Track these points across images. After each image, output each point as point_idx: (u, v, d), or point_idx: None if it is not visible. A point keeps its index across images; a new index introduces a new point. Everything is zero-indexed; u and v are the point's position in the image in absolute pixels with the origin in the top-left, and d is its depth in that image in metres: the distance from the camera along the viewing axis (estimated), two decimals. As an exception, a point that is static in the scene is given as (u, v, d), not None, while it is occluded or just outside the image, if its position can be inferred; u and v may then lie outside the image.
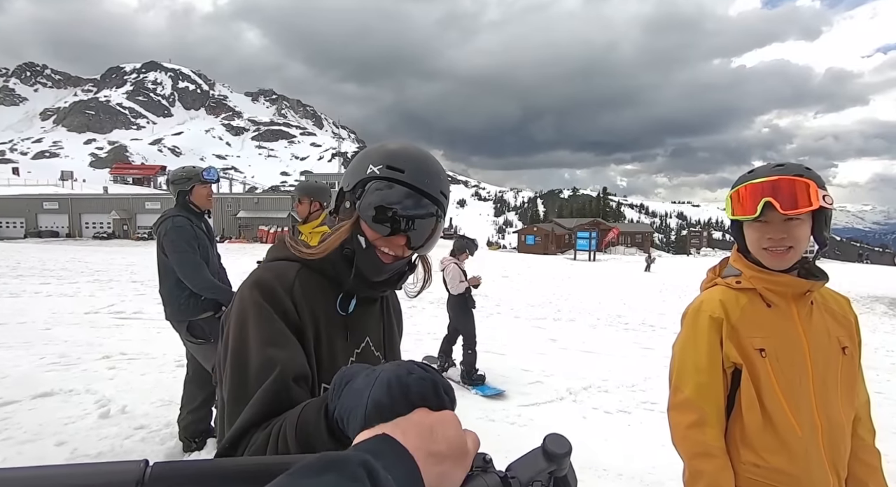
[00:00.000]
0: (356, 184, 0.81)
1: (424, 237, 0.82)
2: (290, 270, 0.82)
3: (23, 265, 12.79)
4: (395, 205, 0.78)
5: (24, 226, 43.66)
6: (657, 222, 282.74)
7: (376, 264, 0.81)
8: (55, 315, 6.02)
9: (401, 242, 0.80)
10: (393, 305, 1.04)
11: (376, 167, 0.80)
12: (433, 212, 0.81)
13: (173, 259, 2.45)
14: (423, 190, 0.79)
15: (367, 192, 0.79)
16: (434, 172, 0.82)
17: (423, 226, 0.80)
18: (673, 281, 19.88)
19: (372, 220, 0.79)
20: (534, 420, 3.47)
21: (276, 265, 0.83)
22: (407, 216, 0.78)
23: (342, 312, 0.85)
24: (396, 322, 1.05)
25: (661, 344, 7.14)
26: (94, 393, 3.34)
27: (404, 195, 0.78)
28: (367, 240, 0.80)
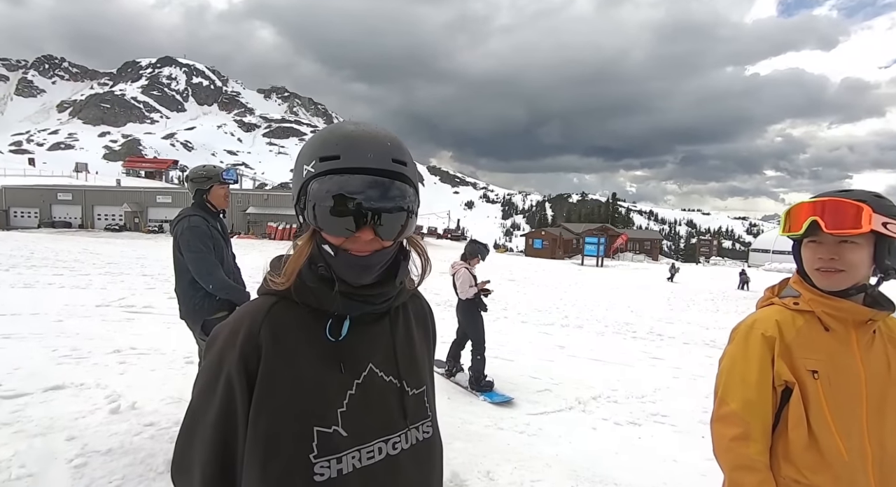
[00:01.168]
0: (298, 192, 0.72)
1: (394, 222, 0.71)
2: (263, 306, 0.74)
3: (36, 255, 12.97)
4: (342, 199, 0.67)
5: (39, 216, 44.31)
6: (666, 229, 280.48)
7: (355, 264, 0.71)
8: (67, 307, 6.08)
9: (368, 236, 0.70)
10: (414, 312, 0.89)
11: (310, 165, 0.70)
12: (390, 188, 0.69)
13: (188, 258, 2.45)
14: (368, 167, 0.68)
15: (309, 198, 0.70)
16: (376, 142, 0.70)
17: (385, 209, 0.69)
18: (682, 289, 19.69)
19: (324, 225, 0.69)
20: (543, 430, 3.43)
21: (252, 304, 0.77)
22: (361, 205, 0.68)
23: (332, 339, 0.74)
24: (421, 331, 0.90)
25: (669, 354, 7.08)
26: (105, 388, 3.35)
27: (346, 182, 0.67)
28: (332, 246, 0.71)
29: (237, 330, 0.73)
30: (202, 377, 0.75)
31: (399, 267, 0.79)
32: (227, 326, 0.75)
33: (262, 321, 0.73)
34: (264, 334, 0.72)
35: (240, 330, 0.73)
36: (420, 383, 0.85)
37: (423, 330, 0.92)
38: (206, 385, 0.73)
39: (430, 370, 0.91)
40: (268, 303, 0.75)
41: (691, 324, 10.70)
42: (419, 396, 0.83)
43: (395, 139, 0.74)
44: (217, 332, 0.76)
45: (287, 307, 0.75)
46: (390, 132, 0.75)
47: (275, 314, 0.74)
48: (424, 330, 0.93)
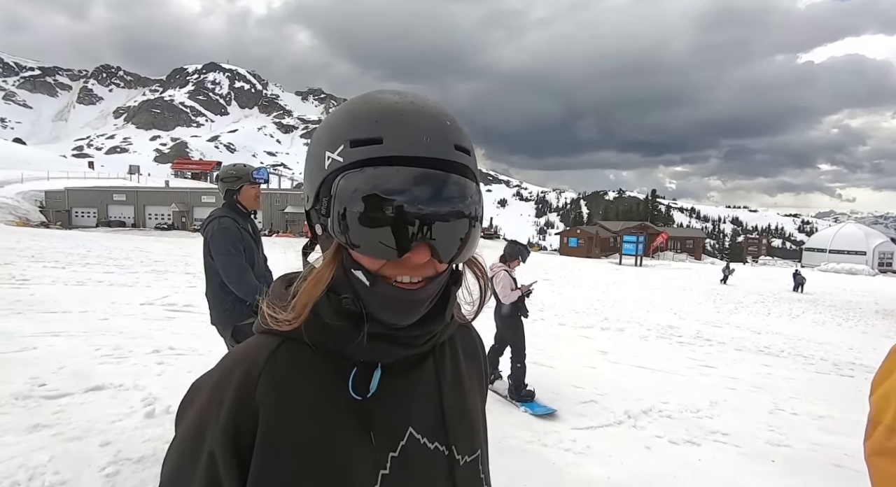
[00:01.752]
0: (317, 191, 0.52)
1: (455, 236, 0.50)
2: (262, 351, 0.53)
3: (92, 253, 13.71)
4: (387, 204, 0.47)
5: (97, 215, 47.34)
6: (709, 227, 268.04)
7: (400, 299, 0.51)
8: (114, 305, 6.28)
9: (423, 258, 0.49)
10: (464, 347, 0.68)
11: (336, 151, 0.50)
12: (453, 186, 0.49)
13: (218, 261, 2.36)
14: (423, 156, 0.48)
15: (335, 200, 0.49)
16: (433, 119, 0.50)
17: (447, 217, 0.49)
18: (730, 290, 18.58)
19: (359, 241, 0.48)
20: (591, 448, 3.15)
21: (247, 347, 0.56)
22: (417, 213, 0.47)
23: (357, 397, 0.53)
24: (473, 372, 0.69)
25: (722, 361, 6.61)
26: (142, 390, 3.35)
27: (392, 178, 0.47)
28: (367, 271, 0.50)
29: (224, 386, 0.52)
30: (173, 454, 0.54)
31: (449, 297, 0.57)
32: (211, 379, 0.54)
33: (259, 373, 0.52)
34: (262, 392, 0.51)
35: (228, 385, 0.52)
36: (474, 446, 0.63)
37: (476, 370, 0.70)
38: (179, 467, 0.52)
39: (484, 425, 0.69)
40: (268, 347, 0.54)
41: (741, 328, 10.05)
42: (473, 465, 0.62)
43: (453, 117, 0.53)
44: (197, 387, 0.55)
45: (295, 351, 0.54)
46: (444, 106, 0.53)
47: (278, 362, 0.53)
48: (477, 369, 0.70)
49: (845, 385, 6.06)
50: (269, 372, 0.52)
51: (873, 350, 8.74)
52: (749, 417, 4.18)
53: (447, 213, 0.49)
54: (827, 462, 3.37)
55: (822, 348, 8.45)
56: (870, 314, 14.51)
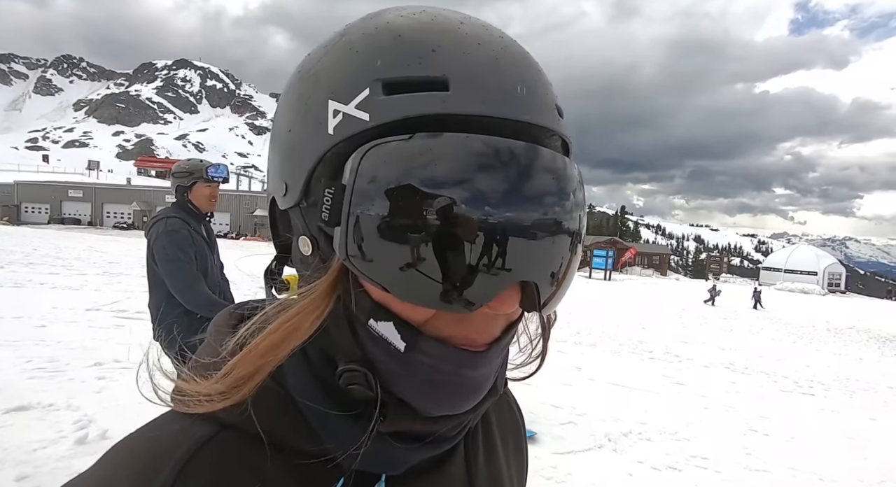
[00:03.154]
0: (310, 175, 0.31)
1: (557, 262, 0.31)
2: (173, 452, 0.31)
3: (38, 252, 12.75)
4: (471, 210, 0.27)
5: (49, 212, 44.62)
6: (674, 244, 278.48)
7: (460, 378, 0.31)
8: (54, 310, 5.73)
9: (512, 306, 0.29)
10: (500, 424, 0.47)
11: (352, 101, 0.29)
12: (568, 181, 0.30)
13: (163, 269, 2.05)
14: (520, 120, 0.29)
15: (354, 193, 0.28)
16: (523, 59, 0.31)
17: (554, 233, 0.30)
18: (694, 307, 19.12)
19: (398, 272, 0.28)
20: (572, 476, 2.98)
21: (154, 436, 0.32)
22: (513, 227, 0.28)
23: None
24: (512, 456, 0.48)
25: (692, 378, 6.70)
26: (76, 410, 2.97)
27: (481, 159, 0.27)
28: (404, 324, 0.30)
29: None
30: None
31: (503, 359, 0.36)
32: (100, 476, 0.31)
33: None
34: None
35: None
36: None
37: (515, 455, 0.49)
38: None
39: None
40: (186, 443, 0.31)
41: (706, 344, 10.29)
42: None
43: (537, 62, 0.33)
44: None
45: (234, 453, 0.32)
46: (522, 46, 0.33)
47: (197, 476, 0.30)
48: (517, 454, 0.49)
49: (808, 403, 6.20)
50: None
51: (827, 367, 9.08)
52: (725, 439, 4.15)
53: (554, 225, 0.29)
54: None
55: (781, 365, 8.70)
56: (822, 332, 15.19)
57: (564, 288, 0.33)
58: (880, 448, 4.39)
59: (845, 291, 52.48)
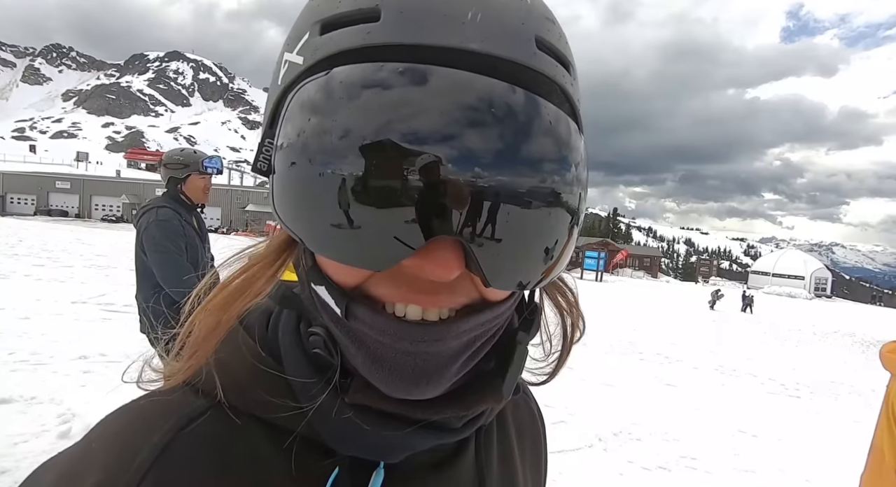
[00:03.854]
0: (265, 130, 0.30)
1: (529, 232, 0.27)
2: (161, 424, 0.29)
3: (23, 243, 12.51)
4: (372, 144, 0.24)
5: (35, 203, 43.87)
6: (665, 246, 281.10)
7: (404, 354, 0.27)
8: (39, 302, 5.62)
9: (448, 270, 0.25)
10: (517, 424, 0.44)
11: (296, 48, 0.28)
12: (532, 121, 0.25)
13: (153, 260, 2.00)
14: (468, 48, 0.25)
15: (278, 139, 0.27)
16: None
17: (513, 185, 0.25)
18: (683, 309, 19.32)
19: (311, 224, 0.26)
20: (563, 475, 2.98)
21: (147, 404, 0.31)
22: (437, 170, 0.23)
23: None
24: (530, 461, 0.45)
25: (682, 379, 6.78)
26: (59, 404, 2.90)
27: (396, 89, 0.24)
28: (336, 287, 0.28)
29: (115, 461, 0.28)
30: None
31: (515, 351, 0.32)
32: (52, 477, 0.29)
33: (139, 479, 0.27)
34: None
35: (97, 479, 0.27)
36: None
37: (533, 460, 0.45)
38: None
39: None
40: (172, 419, 0.29)
41: (696, 346, 10.40)
42: None
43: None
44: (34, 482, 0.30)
45: (223, 429, 0.30)
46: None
47: (183, 454, 0.28)
48: (534, 460, 0.46)
49: (795, 406, 6.29)
50: (161, 474, 0.27)
51: (813, 371, 9.22)
52: (714, 440, 4.18)
53: (513, 183, 0.25)
54: (792, 489, 3.36)
55: (768, 368, 8.82)
56: (808, 335, 15.43)
57: (519, 258, 0.27)
58: (865, 451, 4.46)
59: (831, 296, 53.36)
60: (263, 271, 0.30)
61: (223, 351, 0.31)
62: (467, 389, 0.31)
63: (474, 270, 0.26)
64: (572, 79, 0.29)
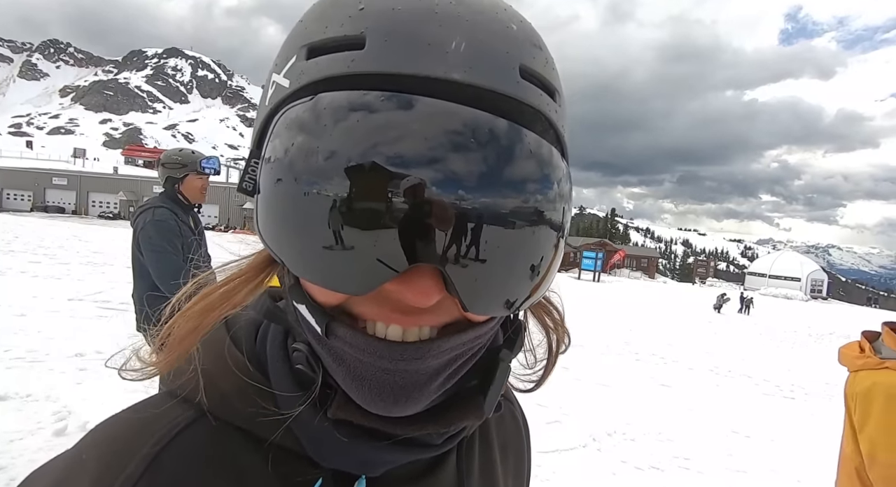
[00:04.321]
0: (256, 143, 0.31)
1: (509, 256, 0.27)
2: (150, 436, 0.30)
3: (20, 239, 12.46)
4: (351, 169, 0.24)
5: (32, 199, 43.64)
6: (662, 247, 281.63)
7: (382, 372, 0.28)
8: (35, 299, 5.61)
9: (427, 297, 0.26)
10: (500, 437, 0.45)
11: (283, 71, 0.29)
12: (512, 148, 0.26)
13: (150, 259, 2.02)
14: (454, 79, 0.25)
15: (263, 161, 0.28)
16: (480, 13, 0.27)
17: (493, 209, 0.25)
18: (679, 311, 19.38)
19: (291, 247, 0.27)
20: (557, 474, 3.00)
21: (136, 417, 0.32)
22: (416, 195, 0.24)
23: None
24: (509, 477, 0.45)
25: (677, 380, 6.80)
26: (55, 401, 2.91)
27: (379, 120, 0.25)
28: (316, 307, 0.29)
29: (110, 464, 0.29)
30: None
31: (497, 369, 0.33)
32: (45, 483, 0.31)
33: (142, 472, 0.29)
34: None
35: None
36: None
37: (515, 472, 0.46)
38: None
39: None
40: (161, 430, 0.31)
41: (691, 347, 10.44)
42: None
43: (523, 21, 0.29)
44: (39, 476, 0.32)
45: (210, 441, 0.31)
46: (510, 5, 0.30)
47: (171, 466, 0.30)
48: (517, 472, 0.47)
49: (789, 407, 6.32)
50: (149, 485, 0.29)
51: (808, 372, 9.27)
52: (708, 440, 4.21)
53: (493, 206, 0.25)
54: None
55: (764, 369, 8.86)
56: (804, 337, 15.52)
57: (500, 281, 0.27)
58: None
59: (827, 298, 53.63)
60: (245, 284, 0.31)
61: (210, 363, 0.32)
62: (448, 406, 0.31)
63: (454, 294, 0.27)
64: (557, 105, 0.30)
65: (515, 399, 0.49)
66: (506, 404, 0.48)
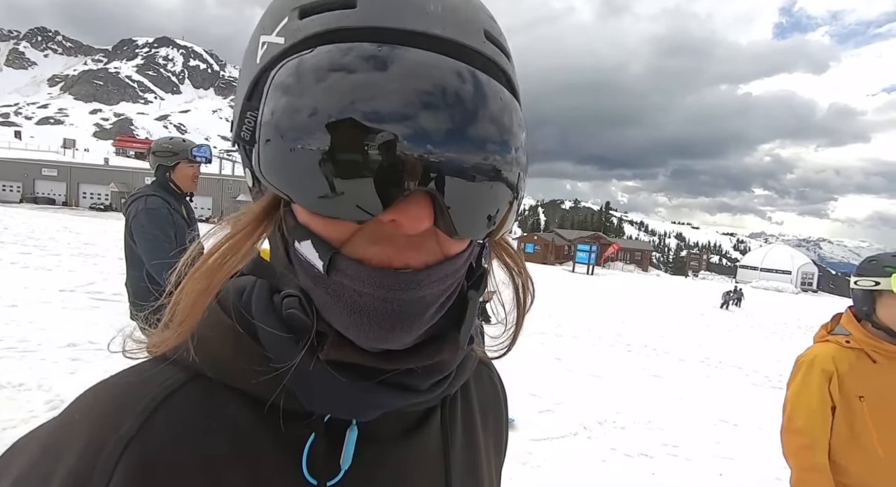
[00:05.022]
0: (248, 97, 0.32)
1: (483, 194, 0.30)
2: (142, 397, 0.31)
3: (9, 231, 12.31)
4: (353, 115, 0.27)
5: (21, 190, 43.06)
6: (656, 241, 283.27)
7: (382, 301, 0.30)
8: (26, 290, 5.56)
9: (420, 221, 0.28)
10: (480, 399, 0.47)
11: (274, 31, 0.31)
12: (485, 100, 0.29)
13: (142, 247, 2.01)
14: (432, 33, 0.29)
15: (264, 110, 0.29)
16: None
17: (466, 159, 0.28)
18: (672, 304, 19.57)
19: (303, 189, 0.29)
20: (548, 461, 3.05)
21: (125, 382, 0.33)
22: (411, 134, 0.27)
23: (313, 481, 0.32)
24: (491, 434, 0.48)
25: (668, 371, 6.87)
26: (48, 391, 2.91)
27: (375, 68, 0.27)
28: (323, 243, 0.30)
29: (48, 471, 0.29)
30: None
31: (467, 307, 0.35)
32: (35, 446, 0.31)
33: (121, 449, 0.29)
34: (123, 482, 0.28)
35: (54, 470, 0.29)
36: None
37: (495, 431, 0.49)
38: None
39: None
40: (152, 391, 0.32)
41: (683, 339, 10.55)
42: None
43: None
44: (8, 459, 0.31)
45: (201, 399, 0.32)
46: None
47: (164, 425, 0.30)
48: (496, 431, 0.49)
49: (777, 397, 6.40)
50: (142, 445, 0.29)
51: (799, 363, 9.45)
52: (696, 428, 4.28)
53: (475, 149, 0.28)
54: (769, 475, 3.46)
55: (754, 360, 8.99)
56: (794, 329, 15.71)
57: (476, 211, 0.31)
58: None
59: (817, 290, 54.29)
60: (247, 237, 0.33)
61: (199, 327, 0.33)
62: (429, 342, 0.34)
63: (441, 224, 0.30)
64: (512, 67, 0.34)
65: (493, 365, 0.51)
66: (485, 369, 0.50)
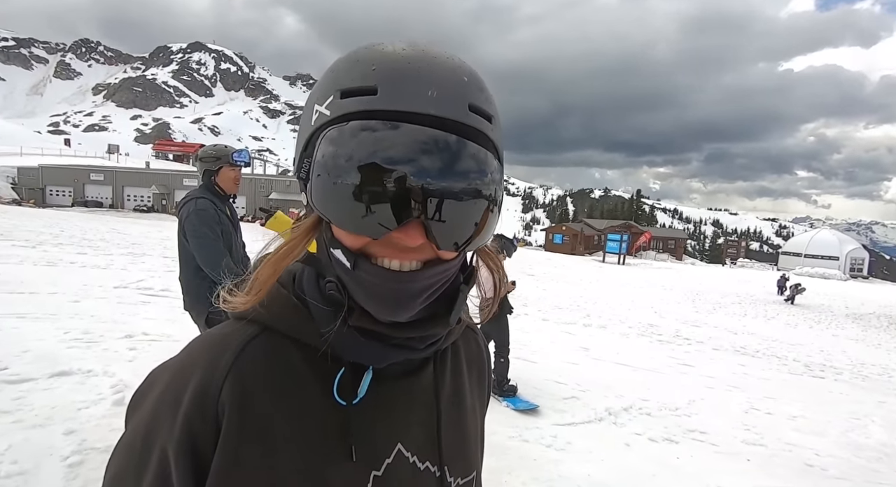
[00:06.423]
0: (302, 151, 0.45)
1: (465, 218, 0.43)
2: (234, 342, 0.47)
3: (65, 233, 13.24)
4: (370, 167, 0.39)
5: (73, 195, 45.84)
6: (691, 228, 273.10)
7: (387, 287, 0.43)
8: (85, 287, 6.05)
9: (414, 240, 0.41)
10: (467, 355, 0.61)
11: (324, 104, 0.43)
12: (463, 154, 0.41)
13: (193, 244, 2.25)
14: (427, 113, 0.40)
15: (315, 160, 0.42)
16: (445, 71, 0.42)
17: (451, 192, 0.41)
18: (708, 292, 18.96)
19: (336, 212, 0.42)
20: (572, 444, 3.15)
21: (219, 333, 0.49)
22: (408, 182, 0.39)
23: (342, 402, 0.47)
24: (475, 384, 0.62)
25: (700, 361, 6.72)
26: (112, 376, 3.22)
27: (385, 137, 0.39)
28: (348, 250, 0.43)
29: (183, 381, 0.46)
30: (120, 454, 0.47)
31: (458, 296, 0.49)
32: (169, 371, 0.48)
33: (226, 372, 0.45)
34: (228, 395, 0.45)
35: (188, 381, 0.45)
36: (469, 468, 0.56)
37: (478, 382, 0.63)
38: (125, 469, 0.46)
39: (482, 444, 0.63)
40: (241, 337, 0.48)
41: (718, 328, 10.26)
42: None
43: (473, 73, 0.45)
44: (153, 379, 0.49)
45: (274, 345, 0.48)
46: (465, 62, 0.45)
47: (250, 357, 0.47)
48: (479, 382, 0.64)
49: (817, 386, 6.22)
50: (238, 371, 0.46)
51: (842, 352, 9.02)
52: (726, 416, 4.25)
53: (443, 189, 0.40)
54: (799, 462, 3.44)
55: (794, 349, 8.68)
56: (840, 317, 14.97)
57: (473, 238, 0.44)
58: (883, 429, 4.44)
59: (868, 277, 51.18)
60: (300, 241, 0.48)
61: (267, 298, 0.49)
62: (427, 319, 0.48)
63: (431, 239, 0.43)
64: (493, 127, 0.45)
65: (479, 330, 0.66)
66: (472, 334, 0.64)
